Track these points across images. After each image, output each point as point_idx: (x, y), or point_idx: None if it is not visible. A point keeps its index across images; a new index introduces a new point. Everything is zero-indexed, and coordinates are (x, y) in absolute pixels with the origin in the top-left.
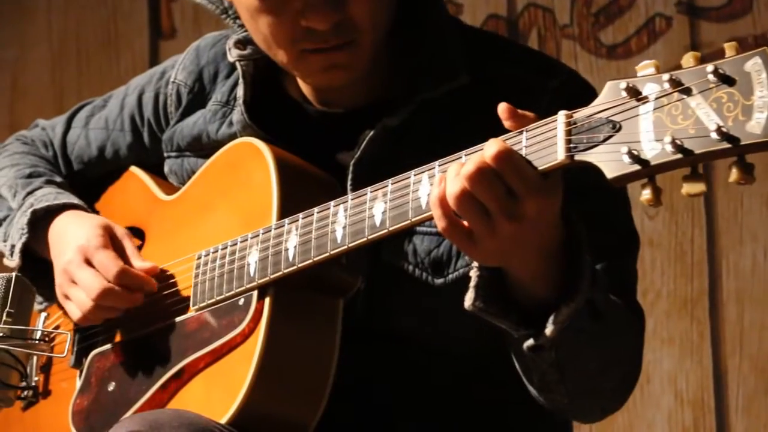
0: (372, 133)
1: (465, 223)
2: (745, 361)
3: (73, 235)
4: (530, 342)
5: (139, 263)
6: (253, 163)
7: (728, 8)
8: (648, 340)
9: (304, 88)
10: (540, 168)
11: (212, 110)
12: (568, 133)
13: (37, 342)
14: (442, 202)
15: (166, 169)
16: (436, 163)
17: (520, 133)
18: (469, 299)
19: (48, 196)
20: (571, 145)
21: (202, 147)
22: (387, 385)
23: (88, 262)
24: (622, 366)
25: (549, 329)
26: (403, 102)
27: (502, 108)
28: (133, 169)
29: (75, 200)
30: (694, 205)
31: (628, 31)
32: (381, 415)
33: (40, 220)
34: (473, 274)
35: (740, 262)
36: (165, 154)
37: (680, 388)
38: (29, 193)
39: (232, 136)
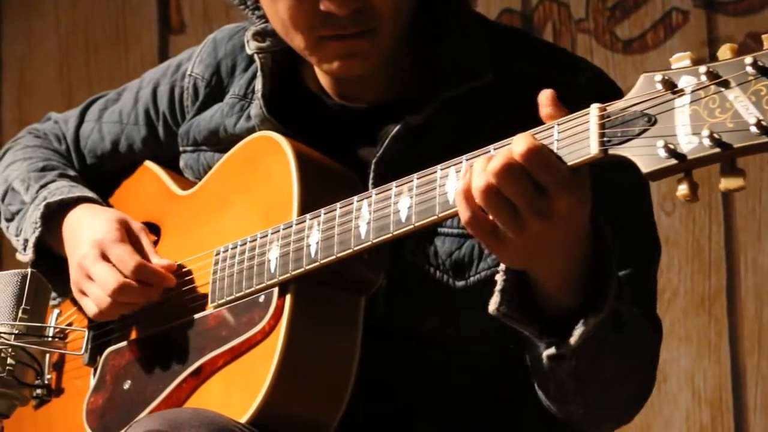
0: (395, 130)
1: (490, 218)
2: (764, 360)
3: (88, 229)
4: (552, 350)
5: (157, 260)
6: (272, 158)
7: (746, 2)
8: (665, 338)
9: (324, 80)
10: (570, 163)
11: (230, 103)
12: (602, 126)
13: (52, 339)
14: (467, 194)
15: (181, 163)
16: (464, 157)
17: (552, 126)
18: (494, 303)
19: (62, 189)
20: (605, 139)
21: (219, 141)
22: (408, 384)
23: (105, 257)
24: (640, 374)
25: (574, 338)
26: (426, 99)
27: (545, 94)
28: (148, 163)
29: (89, 193)
30: (712, 202)
31: (645, 25)
32: (402, 414)
33: (54, 214)
34: (499, 277)
35: (759, 259)
36: (180, 149)
37: (698, 386)
38: (42, 187)
39: (250, 130)
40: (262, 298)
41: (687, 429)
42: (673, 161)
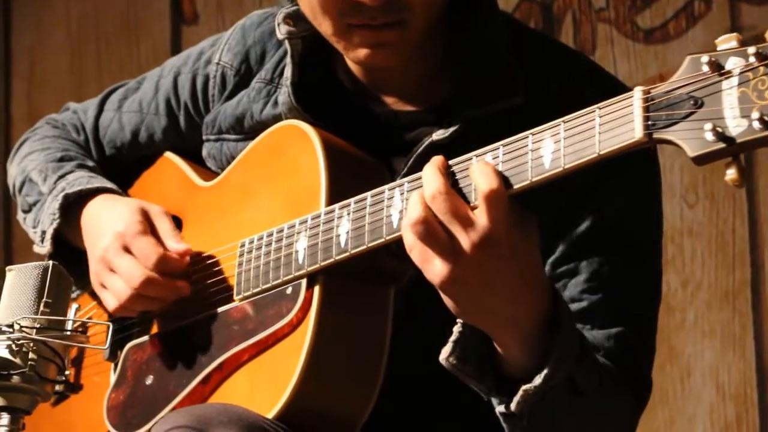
0: (421, 149)
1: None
2: None
3: (109, 221)
4: (501, 408)
5: (174, 244)
6: (299, 147)
7: None
8: (688, 332)
9: (356, 71)
10: (612, 148)
11: (256, 88)
12: (646, 110)
13: (74, 333)
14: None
15: (204, 153)
16: (500, 144)
17: (593, 111)
18: (444, 352)
19: (80, 180)
20: (650, 122)
21: (244, 129)
22: (435, 381)
23: (127, 249)
24: None
25: (514, 404)
26: (453, 113)
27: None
28: (168, 154)
29: (108, 184)
30: (736, 193)
31: (666, 14)
32: (430, 412)
33: (72, 205)
34: (456, 329)
35: None
36: (204, 137)
37: (722, 381)
38: (60, 177)
39: (277, 118)
40: (289, 290)
41: (711, 425)
42: (722, 145)
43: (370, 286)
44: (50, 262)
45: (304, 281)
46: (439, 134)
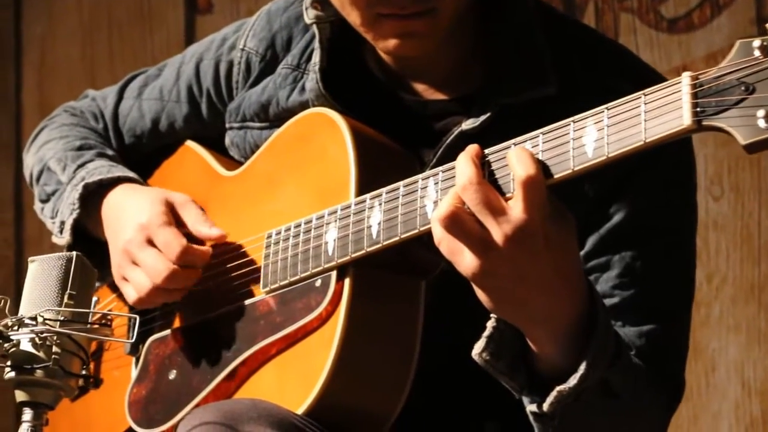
0: (450, 139)
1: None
2: None
3: (132, 212)
4: (533, 408)
5: (207, 230)
6: (327, 136)
7: None
8: (713, 327)
9: (385, 58)
10: (659, 136)
11: (282, 74)
12: (694, 96)
13: (99, 326)
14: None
15: (226, 141)
16: (539, 132)
17: (638, 97)
18: (477, 348)
19: (100, 169)
20: (698, 109)
21: (269, 117)
22: (466, 378)
23: (150, 242)
24: None
25: (546, 404)
26: (484, 102)
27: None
28: (189, 143)
29: (129, 173)
30: (762, 186)
31: (690, 3)
32: (460, 408)
33: (92, 195)
34: (489, 324)
35: None
36: (227, 125)
37: (747, 377)
38: (80, 166)
39: (304, 105)
40: (318, 283)
41: (736, 421)
42: None
43: (400, 278)
44: (74, 253)
45: (333, 273)
46: (468, 123)
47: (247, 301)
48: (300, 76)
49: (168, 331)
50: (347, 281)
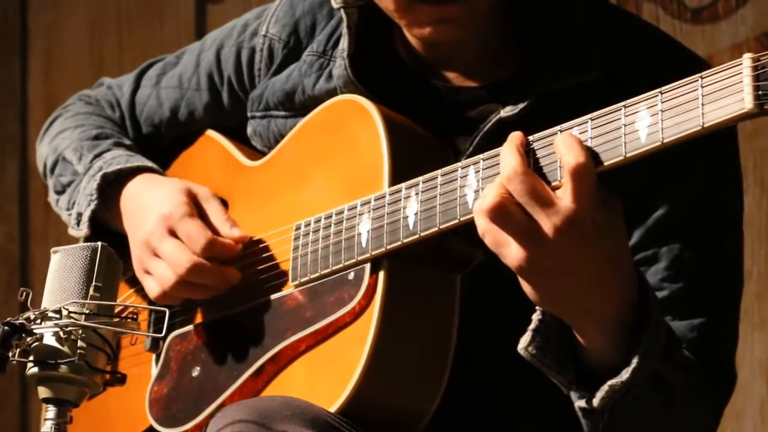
0: (487, 127)
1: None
2: None
3: (153, 202)
4: (582, 403)
5: (228, 230)
6: (358, 124)
7: None
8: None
9: (415, 44)
10: (717, 120)
11: (308, 61)
12: (756, 79)
13: (126, 320)
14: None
15: (249, 131)
16: (588, 118)
17: (695, 80)
18: (523, 342)
19: (119, 158)
20: (760, 92)
21: (294, 105)
22: (504, 374)
23: (173, 233)
24: None
25: (597, 399)
26: (522, 88)
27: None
28: (210, 132)
29: (149, 163)
30: None
31: None
32: (498, 406)
33: (111, 186)
34: (535, 317)
35: None
36: (249, 114)
37: None
38: (97, 156)
39: (331, 93)
40: (351, 276)
41: (761, 420)
42: None
43: (436, 272)
44: (99, 243)
45: (367, 266)
46: (507, 111)
47: (275, 295)
48: (326, 63)
49: (190, 327)
50: (381, 274)
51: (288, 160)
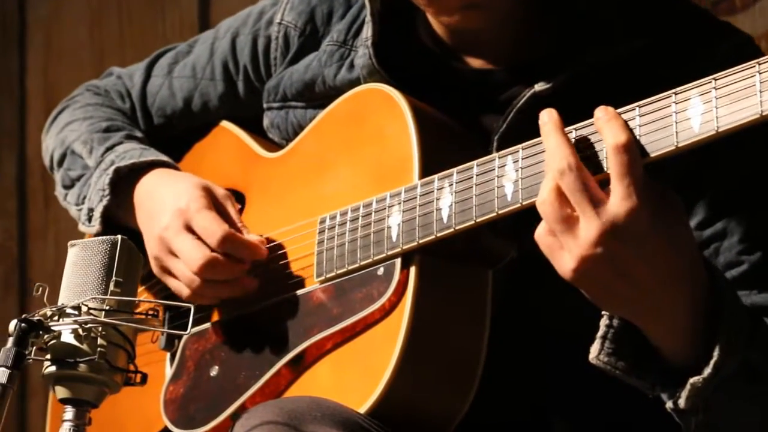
0: (521, 102)
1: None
2: None
3: (168, 197)
4: (669, 405)
5: (246, 235)
6: (384, 113)
7: None
8: None
9: (440, 30)
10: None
11: (328, 51)
12: None
13: (148, 317)
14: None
15: (266, 122)
16: (635, 106)
17: (752, 66)
18: (593, 351)
19: (131, 152)
20: None
21: (314, 96)
22: (535, 374)
23: (189, 228)
24: None
25: (683, 400)
26: (556, 64)
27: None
28: (225, 123)
29: (163, 157)
30: None
31: None
32: (530, 406)
33: (123, 180)
34: (602, 323)
35: None
36: (265, 105)
37: None
38: (108, 149)
39: (353, 83)
40: (381, 271)
41: None
42: None
43: (467, 268)
44: (119, 237)
45: (398, 261)
46: (541, 85)
47: (298, 292)
48: (347, 53)
49: (207, 325)
50: (413, 270)
51: (309, 152)
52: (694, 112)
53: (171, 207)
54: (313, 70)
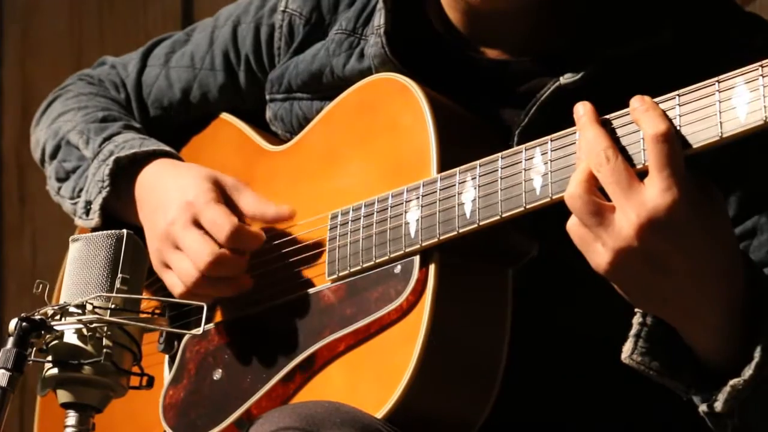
0: (545, 95)
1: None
2: None
3: (174, 190)
4: (704, 408)
5: (272, 211)
6: (399, 103)
7: None
8: None
9: (455, 17)
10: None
11: (336, 40)
12: None
13: (156, 316)
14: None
15: (268, 114)
16: (675, 94)
17: (756, 69)
18: (626, 351)
19: (132, 142)
20: None
21: (321, 87)
22: (555, 377)
23: (196, 222)
24: None
25: (720, 403)
26: (581, 57)
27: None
28: (225, 115)
29: (165, 147)
30: None
31: None
32: (550, 409)
33: (123, 172)
34: (635, 320)
35: None
36: (268, 97)
37: None
38: (107, 139)
39: (364, 73)
40: (398, 269)
41: None
42: None
43: (487, 266)
44: (124, 231)
45: (416, 258)
46: (567, 78)
47: (308, 291)
48: (356, 42)
49: (210, 326)
50: (432, 267)
51: (317, 144)
52: (740, 101)
53: (177, 200)
54: (320, 60)
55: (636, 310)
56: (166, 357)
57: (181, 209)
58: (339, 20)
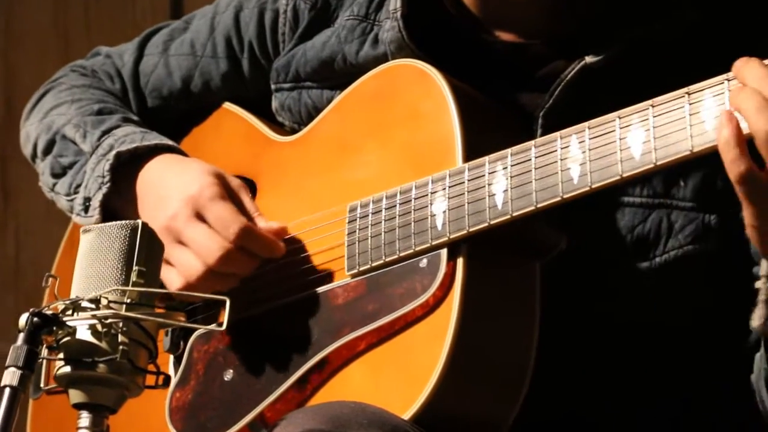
0: (569, 75)
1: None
2: None
3: (177, 184)
4: None
5: (264, 224)
6: (419, 91)
7: None
8: None
9: (470, 3)
10: None
11: (348, 26)
12: None
13: (173, 311)
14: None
15: (275, 104)
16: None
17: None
18: (758, 318)
19: (132, 136)
20: None
21: (332, 75)
22: (592, 369)
23: (200, 217)
24: None
25: None
26: (600, 37)
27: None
28: (228, 105)
29: (167, 141)
30: None
31: None
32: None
33: (124, 167)
34: (762, 284)
35: None
36: (274, 86)
37: None
38: (105, 133)
39: (379, 59)
40: (424, 263)
41: None
42: None
43: (516, 259)
44: (139, 221)
45: (443, 252)
46: (592, 57)
47: (325, 287)
48: (369, 28)
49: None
50: (460, 261)
51: (331, 134)
52: None
53: (179, 194)
54: (331, 47)
55: (761, 274)
56: (171, 358)
57: (183, 203)
58: (347, 6)
